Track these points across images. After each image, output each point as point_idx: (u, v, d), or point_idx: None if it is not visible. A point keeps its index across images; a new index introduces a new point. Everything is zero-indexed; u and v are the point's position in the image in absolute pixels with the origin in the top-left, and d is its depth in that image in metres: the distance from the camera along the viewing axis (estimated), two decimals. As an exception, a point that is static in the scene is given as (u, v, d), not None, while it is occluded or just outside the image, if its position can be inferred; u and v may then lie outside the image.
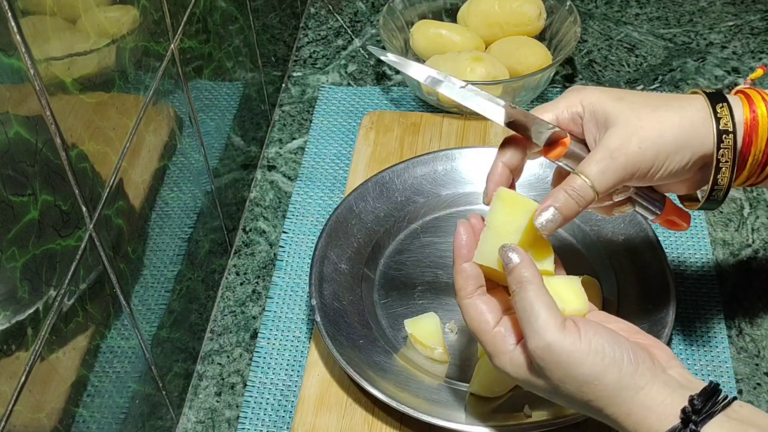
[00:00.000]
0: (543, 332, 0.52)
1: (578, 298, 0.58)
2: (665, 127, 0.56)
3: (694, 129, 0.57)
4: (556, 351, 0.52)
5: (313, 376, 0.73)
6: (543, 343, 0.52)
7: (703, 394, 0.51)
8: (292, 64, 1.06)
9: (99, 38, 0.52)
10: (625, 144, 0.56)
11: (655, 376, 0.52)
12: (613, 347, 0.52)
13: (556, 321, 0.52)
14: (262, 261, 0.84)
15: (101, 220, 0.53)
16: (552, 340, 0.52)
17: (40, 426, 0.48)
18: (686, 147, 0.57)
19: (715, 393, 0.51)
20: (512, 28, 0.98)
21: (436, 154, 0.86)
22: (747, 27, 1.08)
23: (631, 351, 0.53)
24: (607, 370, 0.51)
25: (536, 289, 0.54)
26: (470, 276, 0.58)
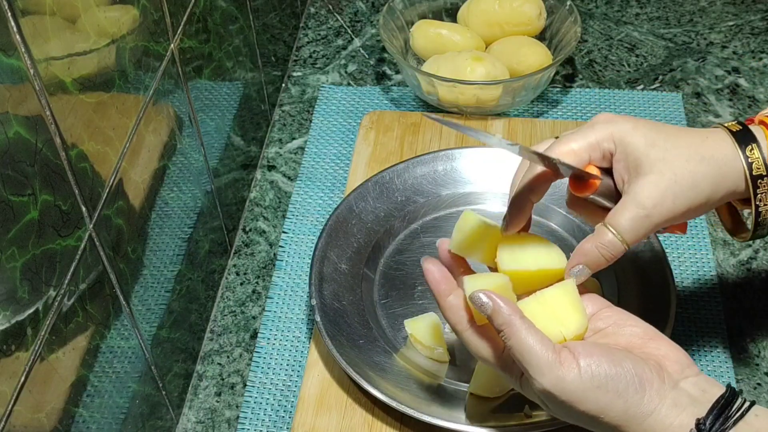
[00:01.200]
0: (541, 377, 0.51)
1: (576, 314, 0.56)
2: (698, 179, 0.55)
3: (725, 177, 0.56)
4: (557, 393, 0.51)
5: (313, 376, 0.73)
6: (542, 387, 0.51)
7: (714, 410, 0.49)
8: (292, 63, 1.06)
9: (99, 38, 0.52)
10: (660, 202, 0.54)
11: (663, 398, 0.50)
12: (616, 379, 0.51)
13: (551, 362, 0.51)
14: (262, 261, 0.84)
15: (101, 220, 0.53)
16: (550, 384, 0.51)
17: (39, 426, 0.48)
18: (718, 193, 0.56)
19: (729, 404, 0.50)
20: (512, 28, 0.98)
21: (436, 154, 0.86)
22: (747, 27, 1.08)
23: (636, 377, 0.51)
24: (612, 403, 0.50)
25: (522, 330, 0.52)
26: (460, 308, 0.57)
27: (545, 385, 0.51)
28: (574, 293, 0.57)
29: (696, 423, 0.49)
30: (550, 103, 0.98)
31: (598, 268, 0.57)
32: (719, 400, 0.50)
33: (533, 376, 0.51)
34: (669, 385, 0.51)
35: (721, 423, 0.49)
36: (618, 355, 0.52)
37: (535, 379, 0.51)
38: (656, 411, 0.50)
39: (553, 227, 0.82)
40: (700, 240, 0.83)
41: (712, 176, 0.55)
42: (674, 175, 0.55)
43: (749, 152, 0.56)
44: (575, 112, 0.97)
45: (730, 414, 0.49)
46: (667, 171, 0.55)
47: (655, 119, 0.95)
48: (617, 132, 0.56)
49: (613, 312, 0.57)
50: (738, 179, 0.56)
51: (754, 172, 0.56)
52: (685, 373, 0.53)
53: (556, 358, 0.51)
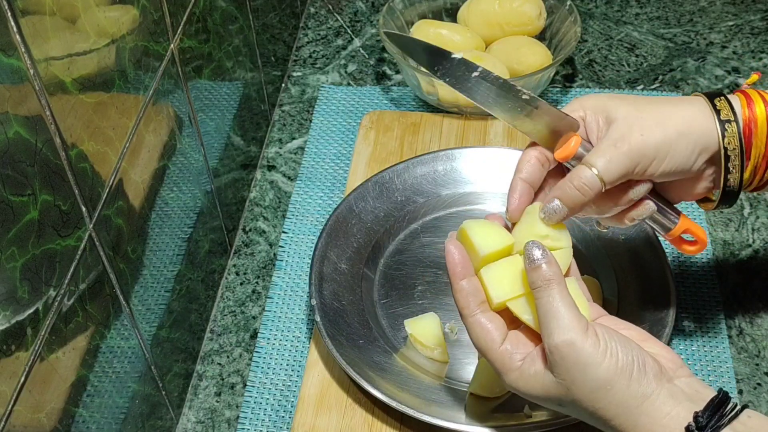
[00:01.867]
0: (567, 330, 0.52)
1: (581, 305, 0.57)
2: (665, 117, 0.57)
3: (694, 120, 0.57)
4: (577, 349, 0.52)
5: (313, 376, 0.73)
6: (567, 339, 0.52)
7: (710, 408, 0.50)
8: (291, 63, 1.06)
9: (99, 38, 0.52)
10: (627, 133, 0.57)
11: (660, 385, 0.52)
12: (626, 352, 0.52)
13: (581, 322, 0.53)
14: (262, 261, 0.84)
15: (101, 220, 0.53)
16: (576, 338, 0.52)
17: (39, 426, 0.48)
18: (688, 136, 0.57)
19: (723, 404, 0.51)
20: (512, 28, 0.98)
21: (436, 154, 0.86)
22: (747, 27, 1.08)
23: (640, 357, 0.52)
24: (619, 375, 0.51)
25: (561, 290, 0.54)
26: (470, 293, 0.57)
27: (572, 337, 0.52)
28: (580, 293, 0.58)
29: (694, 416, 0.50)
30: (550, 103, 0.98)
31: (573, 205, 0.58)
32: (714, 399, 0.51)
33: (561, 328, 0.52)
34: (665, 378, 0.53)
35: (717, 419, 0.50)
36: (627, 338, 0.54)
37: (562, 331, 0.52)
38: (653, 395, 0.51)
39: (553, 227, 0.82)
40: (700, 240, 0.83)
41: (680, 117, 0.57)
42: (640, 113, 0.57)
43: (717, 102, 0.58)
44: (575, 112, 0.97)
45: (725, 412, 0.50)
46: (633, 111, 0.58)
47: (655, 119, 0.95)
48: (586, 100, 0.61)
49: (607, 319, 0.59)
50: (709, 128, 0.57)
51: (722, 117, 0.57)
52: (679, 373, 0.54)
53: (585, 324, 0.53)
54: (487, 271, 0.58)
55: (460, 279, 0.58)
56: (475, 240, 0.58)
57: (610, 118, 0.58)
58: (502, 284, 0.57)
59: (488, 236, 0.59)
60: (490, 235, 0.59)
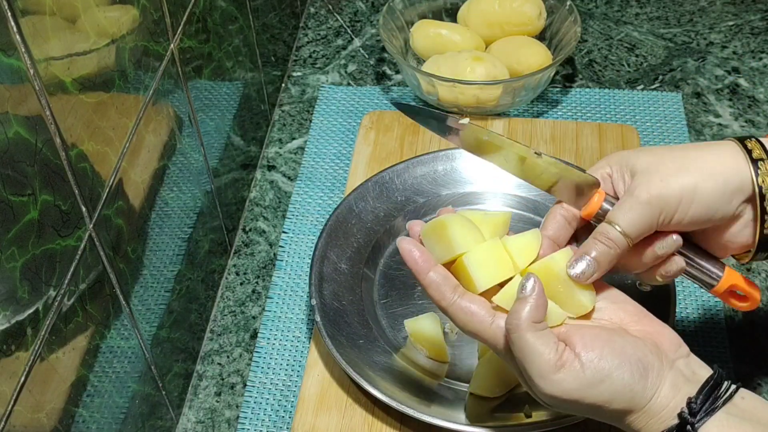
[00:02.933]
0: (542, 379, 0.51)
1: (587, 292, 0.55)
2: (689, 161, 0.54)
3: (723, 161, 0.54)
4: (560, 393, 0.51)
5: (313, 376, 0.73)
6: (544, 392, 0.51)
7: (703, 391, 0.50)
8: (291, 63, 1.06)
9: (99, 38, 0.52)
10: (647, 182, 0.54)
11: (663, 380, 0.51)
12: (621, 368, 0.50)
13: (552, 361, 0.51)
14: (262, 261, 0.84)
15: (101, 220, 0.53)
16: (551, 388, 0.51)
17: (39, 426, 0.48)
18: (716, 177, 0.54)
19: (718, 386, 0.50)
20: (512, 28, 0.98)
21: (436, 154, 0.86)
22: (747, 27, 1.08)
23: (639, 363, 0.51)
24: (618, 393, 0.50)
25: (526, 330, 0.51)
26: (441, 283, 0.55)
27: (546, 389, 0.51)
28: None
29: (687, 402, 0.50)
30: (550, 103, 0.98)
31: (604, 262, 0.55)
32: (708, 381, 0.51)
33: (534, 380, 0.51)
34: (667, 365, 0.52)
35: (710, 403, 0.50)
36: (619, 342, 0.52)
37: (536, 383, 0.51)
38: (658, 393, 0.51)
39: (553, 227, 0.82)
40: (700, 240, 0.83)
41: (704, 160, 0.54)
42: (662, 162, 0.55)
43: (748, 142, 0.55)
44: (575, 112, 0.97)
45: (719, 395, 0.50)
46: (654, 161, 0.55)
47: (655, 119, 0.95)
48: (612, 157, 0.59)
49: (603, 288, 0.57)
50: (741, 167, 0.54)
51: (753, 156, 0.54)
52: (679, 353, 0.53)
53: (557, 360, 0.51)
54: (470, 257, 0.55)
55: (426, 272, 0.56)
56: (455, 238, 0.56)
57: (634, 170, 0.56)
58: (488, 269, 0.55)
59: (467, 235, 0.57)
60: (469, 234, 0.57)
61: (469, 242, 0.56)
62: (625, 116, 0.96)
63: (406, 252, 0.56)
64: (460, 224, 0.56)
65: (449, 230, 0.56)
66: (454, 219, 0.57)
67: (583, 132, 0.93)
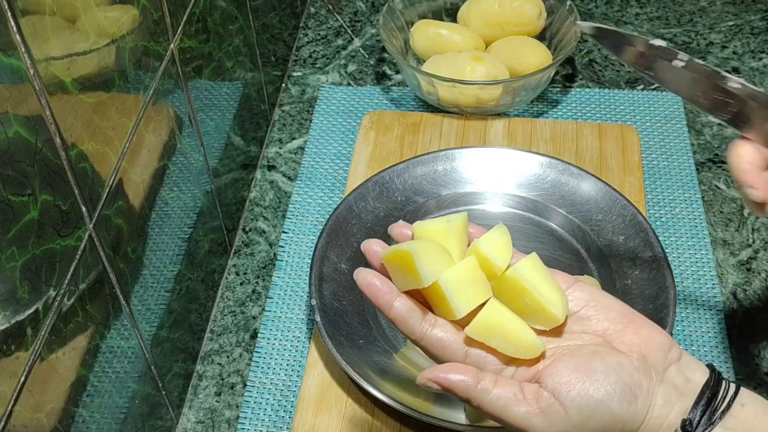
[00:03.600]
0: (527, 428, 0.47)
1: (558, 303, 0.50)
2: None
3: None
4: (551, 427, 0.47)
5: (313, 376, 0.73)
6: None
7: (700, 404, 0.47)
8: (292, 63, 1.06)
9: (99, 38, 0.52)
10: None
11: (653, 398, 0.47)
12: (607, 401, 0.47)
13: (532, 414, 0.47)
14: (262, 261, 0.84)
15: (101, 219, 0.53)
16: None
17: (39, 426, 0.48)
18: None
19: (714, 395, 0.47)
20: (512, 28, 0.98)
21: (436, 154, 0.86)
22: (747, 27, 1.08)
23: (626, 388, 0.47)
24: (608, 425, 0.47)
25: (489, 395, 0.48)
26: (407, 317, 0.50)
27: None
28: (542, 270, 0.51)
29: (682, 424, 0.47)
30: (550, 103, 0.98)
31: None
32: (703, 391, 0.47)
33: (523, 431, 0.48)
34: (656, 379, 0.48)
35: (707, 417, 0.47)
36: (600, 369, 0.48)
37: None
38: (649, 413, 0.47)
39: (552, 227, 0.82)
40: (700, 240, 0.83)
41: None
42: None
43: None
44: (575, 112, 0.97)
45: (716, 407, 0.47)
46: None
47: (655, 119, 0.95)
48: None
49: (583, 291, 0.52)
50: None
51: None
52: (669, 359, 0.49)
53: (534, 411, 0.47)
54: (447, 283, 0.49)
55: (390, 306, 0.50)
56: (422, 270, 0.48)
57: None
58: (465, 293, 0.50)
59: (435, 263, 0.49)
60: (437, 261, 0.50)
61: (438, 271, 0.49)
62: (625, 116, 0.96)
63: (365, 284, 0.50)
64: (425, 252, 0.49)
65: (414, 261, 0.48)
66: (418, 247, 0.49)
67: (583, 132, 0.93)
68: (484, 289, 0.50)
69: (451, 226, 0.52)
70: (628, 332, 0.50)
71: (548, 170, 0.84)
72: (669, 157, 0.91)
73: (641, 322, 0.51)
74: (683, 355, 0.50)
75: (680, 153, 0.91)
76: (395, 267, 0.50)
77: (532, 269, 0.50)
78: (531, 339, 0.49)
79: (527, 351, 0.49)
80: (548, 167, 0.84)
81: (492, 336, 0.50)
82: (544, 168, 0.84)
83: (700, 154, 0.92)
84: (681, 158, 0.91)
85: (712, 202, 0.87)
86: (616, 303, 0.52)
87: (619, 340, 0.50)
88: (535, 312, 0.50)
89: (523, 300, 0.50)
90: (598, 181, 0.82)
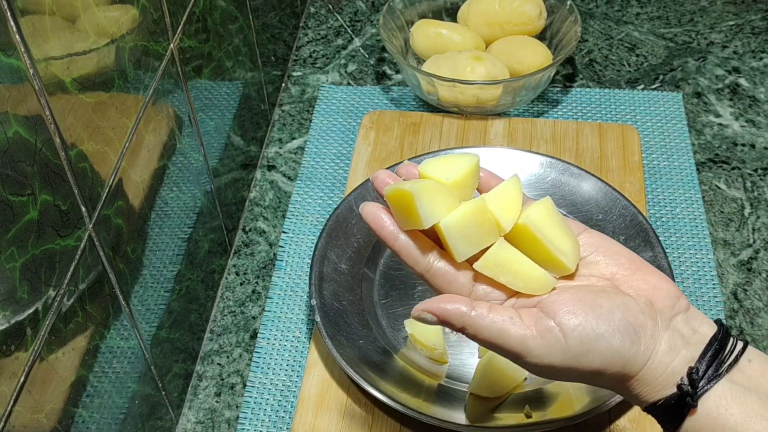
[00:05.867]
0: (527, 356, 0.46)
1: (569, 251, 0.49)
2: None
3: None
4: (548, 363, 0.46)
5: (313, 376, 0.73)
6: (532, 364, 0.47)
7: (707, 355, 0.46)
8: (291, 63, 1.06)
9: (98, 38, 0.52)
10: None
11: (658, 342, 0.46)
12: (609, 336, 0.45)
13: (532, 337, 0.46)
14: (262, 261, 0.84)
15: (100, 219, 0.53)
16: (538, 360, 0.46)
17: (39, 426, 0.48)
18: None
19: (722, 348, 0.45)
20: (513, 28, 0.98)
21: (436, 154, 0.86)
22: (748, 26, 1.08)
23: (629, 327, 0.46)
24: (607, 362, 0.46)
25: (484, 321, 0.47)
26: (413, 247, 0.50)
27: (534, 362, 0.47)
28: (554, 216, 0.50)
29: (688, 372, 0.45)
30: (550, 103, 0.98)
31: None
32: (711, 342, 0.46)
33: (516, 360, 0.47)
34: (662, 325, 0.47)
35: (714, 369, 0.45)
36: (605, 306, 0.46)
37: (522, 360, 0.47)
38: (652, 357, 0.46)
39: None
40: (700, 240, 0.83)
41: None
42: None
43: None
44: (575, 112, 0.97)
45: (723, 359, 0.45)
46: None
47: (656, 119, 0.95)
48: None
49: (592, 237, 0.51)
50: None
51: None
52: (676, 308, 0.48)
53: (532, 334, 0.46)
54: (447, 225, 0.48)
55: (396, 237, 0.50)
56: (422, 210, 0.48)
57: None
58: (468, 236, 0.48)
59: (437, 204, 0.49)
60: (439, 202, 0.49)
61: (439, 212, 0.48)
62: (626, 116, 0.96)
63: (372, 216, 0.50)
64: (427, 192, 0.48)
65: (414, 202, 0.47)
66: (420, 187, 0.48)
67: (584, 132, 0.93)
68: (489, 233, 0.49)
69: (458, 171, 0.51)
70: (636, 278, 0.49)
71: (548, 170, 0.84)
72: (669, 157, 0.91)
73: (650, 270, 0.50)
74: (691, 308, 0.48)
75: (681, 153, 0.91)
76: (397, 205, 0.50)
77: (544, 216, 0.49)
78: (541, 274, 0.49)
79: (537, 286, 0.49)
80: (548, 167, 0.84)
81: (501, 271, 0.49)
82: (545, 168, 0.84)
83: (701, 154, 0.92)
84: (681, 158, 0.91)
85: (712, 202, 0.87)
86: (625, 250, 0.51)
87: (627, 284, 0.49)
88: (545, 260, 0.49)
89: (534, 248, 0.49)
90: (599, 181, 0.82)
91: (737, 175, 0.89)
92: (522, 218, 0.49)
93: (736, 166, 0.90)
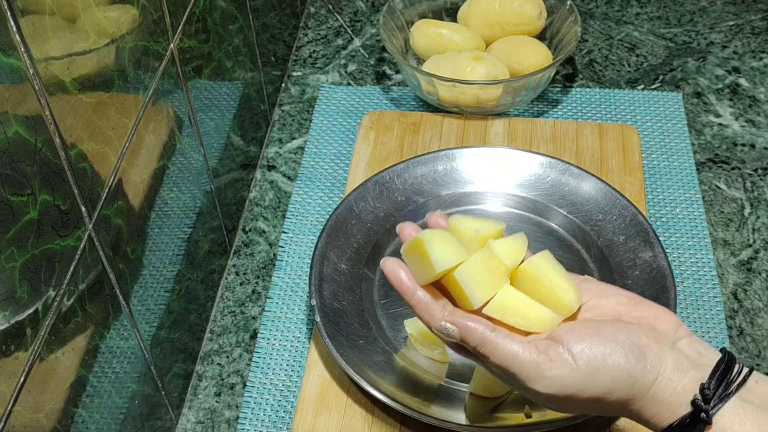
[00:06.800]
0: (534, 382, 0.49)
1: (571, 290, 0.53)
2: None
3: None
4: (555, 392, 0.49)
5: (313, 376, 0.73)
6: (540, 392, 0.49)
7: (715, 375, 0.48)
8: (291, 63, 1.06)
9: (98, 38, 0.52)
10: None
11: (664, 361, 0.49)
12: (614, 354, 0.48)
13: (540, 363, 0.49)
14: (262, 261, 0.84)
15: (100, 219, 0.53)
16: (546, 387, 0.49)
17: (39, 426, 0.48)
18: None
19: (729, 369, 0.48)
20: (513, 28, 0.98)
21: (436, 154, 0.86)
22: (748, 26, 1.08)
23: (634, 346, 0.49)
24: (617, 380, 0.48)
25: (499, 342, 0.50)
26: (429, 302, 0.53)
27: (542, 390, 0.49)
28: (555, 264, 0.54)
29: (700, 388, 0.47)
30: (550, 103, 0.98)
31: None
32: (719, 364, 0.48)
33: (527, 385, 0.50)
34: (667, 346, 0.49)
35: (723, 388, 0.47)
36: (609, 329, 0.50)
37: (530, 387, 0.50)
38: (660, 375, 0.48)
39: (553, 227, 0.82)
40: (700, 240, 0.83)
41: None
42: None
43: None
44: (575, 112, 0.97)
45: (732, 379, 0.48)
46: None
47: (656, 119, 0.95)
48: None
49: (592, 283, 0.55)
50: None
51: None
52: (679, 334, 0.51)
53: (544, 359, 0.49)
54: (462, 273, 0.52)
55: (414, 292, 0.53)
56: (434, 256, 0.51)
57: None
58: (483, 283, 0.52)
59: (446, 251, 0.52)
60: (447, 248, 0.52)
61: (449, 257, 0.52)
62: (626, 116, 0.96)
63: (391, 272, 0.54)
64: (436, 239, 0.52)
65: (425, 247, 0.51)
66: (430, 235, 0.52)
67: (584, 132, 0.93)
68: (500, 278, 0.53)
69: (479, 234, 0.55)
70: (637, 310, 0.52)
71: (548, 170, 0.84)
72: (669, 157, 0.91)
73: (650, 303, 0.53)
74: (693, 335, 0.51)
75: (681, 153, 0.91)
76: (412, 257, 0.53)
77: (546, 261, 0.54)
78: (546, 312, 0.52)
79: (544, 325, 0.52)
80: (548, 167, 0.84)
81: (509, 313, 0.52)
82: (545, 168, 0.84)
83: (701, 154, 0.92)
84: (681, 158, 0.91)
85: (712, 202, 0.87)
86: (624, 291, 0.54)
87: (629, 316, 0.52)
88: (549, 300, 0.53)
89: (538, 289, 0.53)
90: (599, 181, 0.82)
91: (737, 175, 0.89)
92: (526, 263, 0.54)
93: (736, 166, 0.90)
